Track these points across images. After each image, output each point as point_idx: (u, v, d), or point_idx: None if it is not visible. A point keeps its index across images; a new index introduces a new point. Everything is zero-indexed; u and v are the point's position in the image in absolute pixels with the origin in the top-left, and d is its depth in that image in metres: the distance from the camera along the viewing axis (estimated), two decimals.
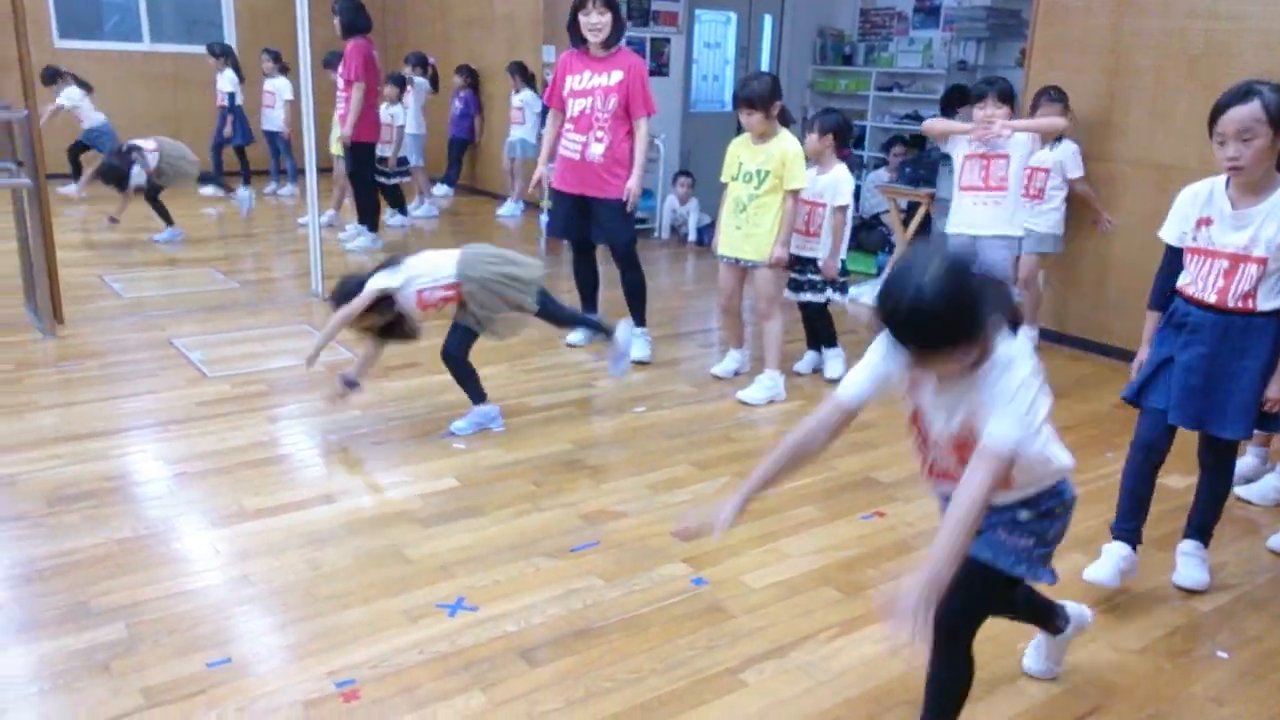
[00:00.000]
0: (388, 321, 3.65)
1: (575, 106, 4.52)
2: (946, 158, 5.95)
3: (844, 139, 4.37)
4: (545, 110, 8.17)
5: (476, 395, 3.77)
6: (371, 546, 2.86)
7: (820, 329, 4.61)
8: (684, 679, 2.28)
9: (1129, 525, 2.73)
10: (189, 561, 2.71)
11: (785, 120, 4.16)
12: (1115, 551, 2.70)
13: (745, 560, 2.84)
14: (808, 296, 4.45)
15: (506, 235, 8.05)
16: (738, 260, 4.23)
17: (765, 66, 9.20)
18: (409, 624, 2.44)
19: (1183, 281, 2.63)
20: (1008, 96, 4.13)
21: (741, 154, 4.17)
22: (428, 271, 3.62)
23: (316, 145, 5.58)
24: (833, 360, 4.56)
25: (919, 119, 8.45)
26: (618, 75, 4.45)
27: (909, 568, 2.80)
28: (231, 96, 8.67)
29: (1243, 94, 2.39)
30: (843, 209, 4.28)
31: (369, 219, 7.00)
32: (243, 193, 8.68)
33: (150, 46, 9.80)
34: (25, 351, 4.41)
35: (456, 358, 3.72)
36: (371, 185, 7.02)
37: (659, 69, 8.13)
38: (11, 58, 4.72)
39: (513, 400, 4.04)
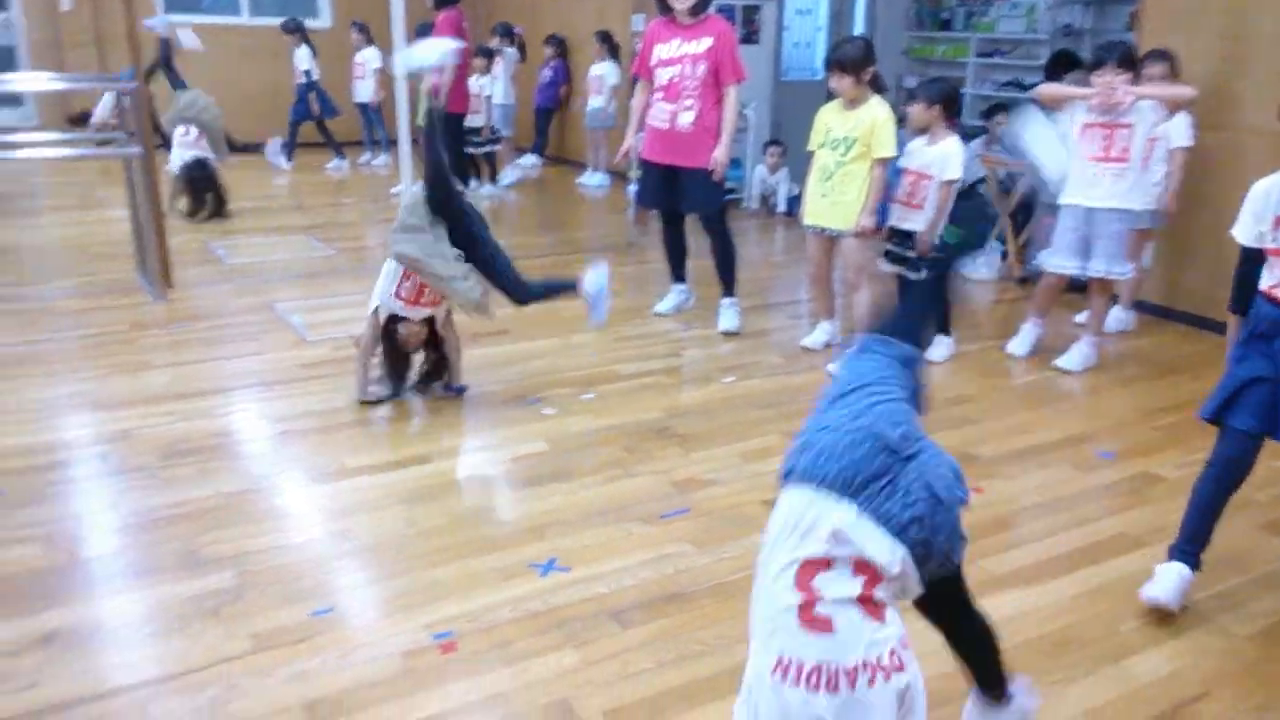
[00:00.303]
0: (424, 329, 3.62)
1: (664, 75, 4.47)
2: None
3: (953, 109, 4.23)
4: (620, 81, 8.19)
5: (567, 287, 3.81)
6: (465, 506, 2.91)
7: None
8: None
9: (1192, 548, 2.47)
10: (292, 515, 2.81)
11: (878, 87, 4.07)
12: (1177, 571, 2.45)
13: None
14: (903, 271, 4.33)
15: (589, 205, 8.08)
16: (824, 230, 4.17)
17: (859, 33, 8.99)
18: (502, 582, 2.49)
19: (1266, 283, 2.38)
20: (1129, 61, 3.92)
21: (830, 120, 4.10)
22: (384, 274, 3.56)
23: (409, 116, 5.66)
24: (940, 346, 4.34)
25: (1021, 86, 8.17)
26: (707, 42, 4.39)
27: (1008, 546, 2.76)
28: (308, 73, 8.77)
29: None
30: (950, 183, 4.15)
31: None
32: (338, 163, 8.86)
33: (249, 20, 10.07)
34: (138, 314, 4.60)
35: (526, 290, 3.67)
36: (462, 156, 7.09)
37: (749, 36, 8.01)
38: (121, 32, 4.89)
39: (602, 368, 4.05)
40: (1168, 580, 2.44)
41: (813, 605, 1.45)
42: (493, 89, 7.92)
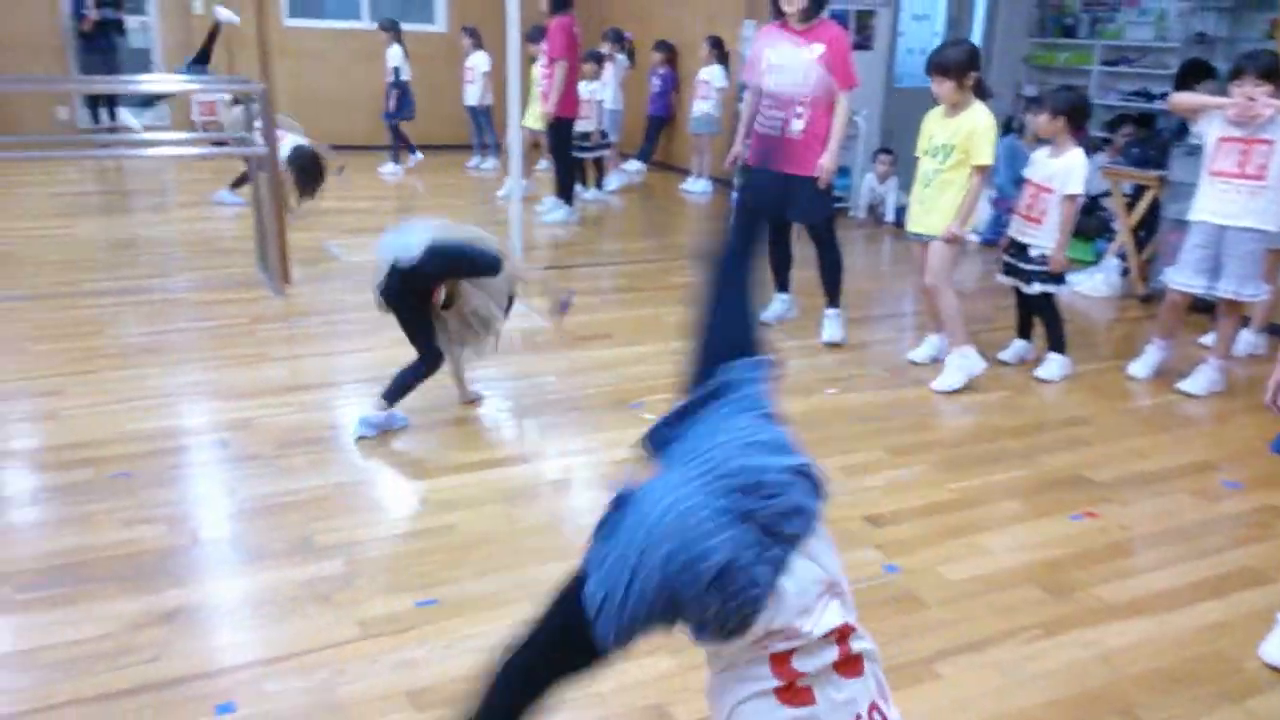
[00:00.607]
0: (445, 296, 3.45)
1: (774, 82, 4.45)
2: (1179, 138, 5.52)
3: (1079, 120, 4.10)
4: (727, 86, 8.15)
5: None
6: (566, 505, 2.95)
7: (1048, 326, 4.27)
8: None
9: None
10: (400, 507, 2.89)
11: (982, 93, 3.95)
12: None
13: (941, 551, 2.75)
14: (1017, 284, 4.23)
15: (692, 211, 8.08)
16: (920, 236, 4.10)
17: (977, 40, 8.77)
18: None
19: None
20: (1272, 73, 3.73)
21: (933, 127, 4.02)
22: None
23: (519, 120, 5.76)
24: (1052, 363, 4.20)
25: (1148, 96, 7.86)
26: (819, 48, 4.34)
27: (1124, 575, 2.65)
28: (397, 71, 8.87)
29: None
30: (1072, 198, 4.01)
31: (566, 193, 7.17)
32: (394, 168, 8.98)
33: (369, 24, 10.39)
34: (258, 308, 4.79)
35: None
36: (570, 161, 7.18)
37: (863, 42, 7.89)
38: (250, 35, 5.10)
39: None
40: None
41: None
42: (603, 94, 7.99)
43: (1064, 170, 4.00)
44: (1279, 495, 3.16)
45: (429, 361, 3.42)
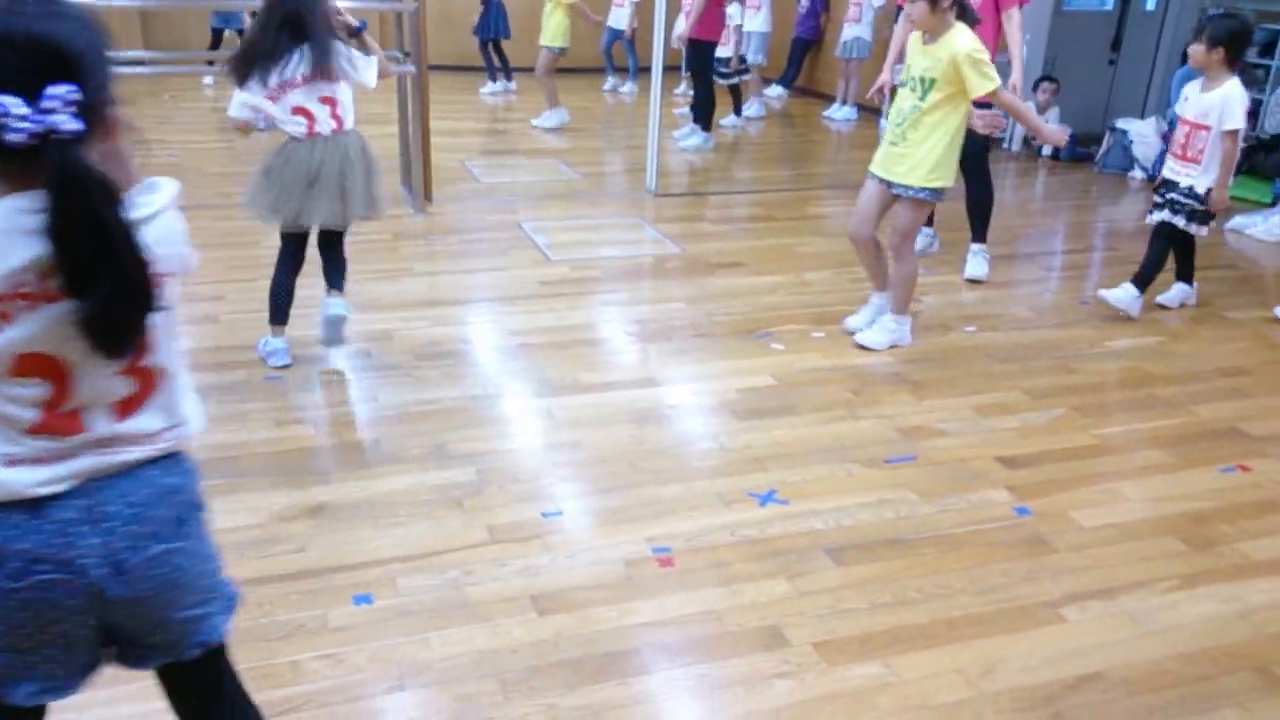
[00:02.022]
0: None
1: None
2: None
3: (1239, 50, 3.78)
4: (885, 4, 7.76)
5: None
6: (690, 430, 2.97)
7: (1180, 260, 4.11)
8: (997, 604, 2.20)
9: None
10: (529, 422, 2.97)
11: (966, 15, 3.33)
12: None
13: (1076, 497, 2.65)
14: (1178, 221, 3.93)
15: (834, 139, 7.86)
16: (887, 183, 3.47)
17: None
18: (722, 507, 2.53)
19: None
20: None
21: (912, 56, 3.42)
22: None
23: (665, 44, 5.68)
24: (1178, 292, 4.14)
25: None
26: None
27: (1272, 531, 2.51)
28: None
29: None
30: (1232, 133, 3.72)
31: (704, 118, 7.07)
32: (493, 86, 8.87)
33: None
34: (401, 225, 4.95)
35: None
36: (710, 84, 7.04)
37: None
38: None
39: (835, 308, 3.98)
40: None
41: None
42: (742, 18, 7.78)
43: (1220, 103, 3.73)
44: None
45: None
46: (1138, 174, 6.51)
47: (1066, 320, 3.96)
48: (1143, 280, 3.98)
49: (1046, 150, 7.02)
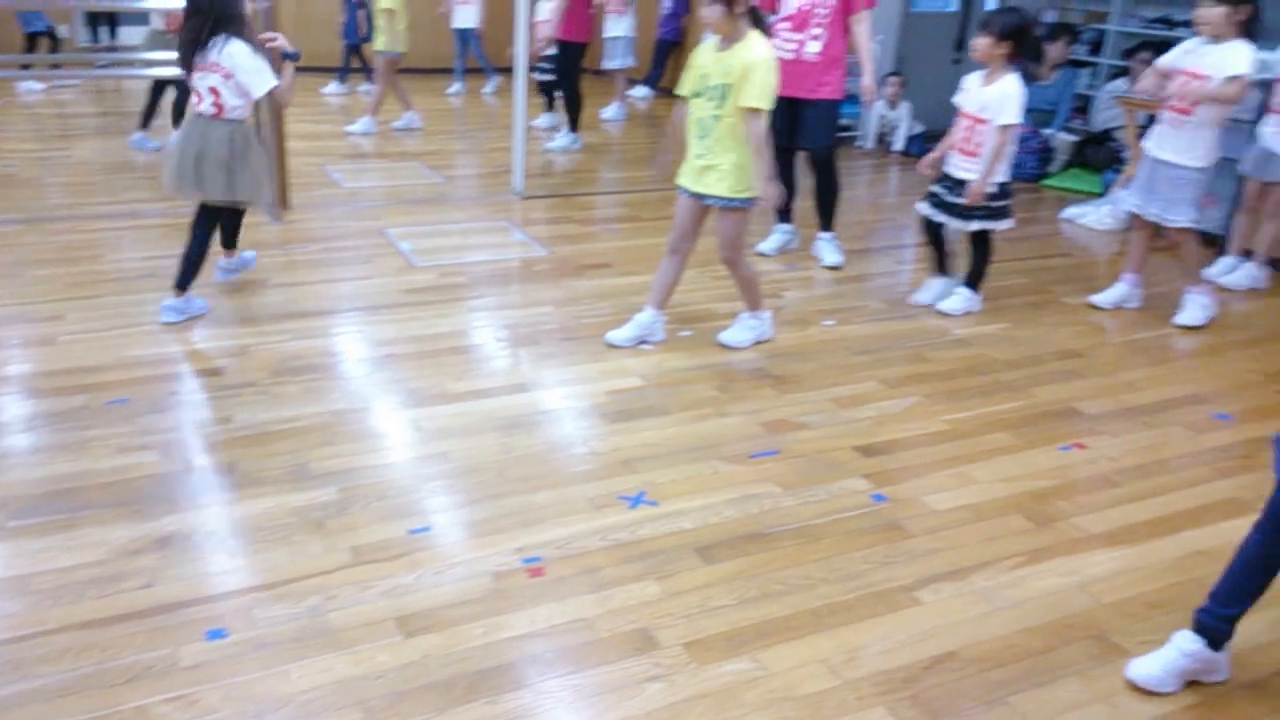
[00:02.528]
0: None
1: (792, 3, 4.35)
2: None
3: (1022, 45, 3.77)
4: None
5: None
6: (560, 435, 2.97)
7: (974, 261, 4.07)
8: (857, 590, 2.28)
9: (1217, 612, 1.99)
10: (395, 436, 2.91)
11: (759, 21, 3.29)
12: (1179, 645, 2.01)
13: (929, 482, 2.77)
14: (949, 219, 3.97)
15: None
16: (699, 195, 3.42)
17: None
18: (593, 511, 2.54)
19: None
20: None
21: (706, 64, 3.31)
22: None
23: (525, 45, 5.64)
24: (959, 297, 4.08)
25: (1169, 23, 7.66)
26: None
27: (1107, 505, 2.68)
28: None
29: None
30: (1006, 128, 3.76)
31: (573, 118, 7.05)
32: (339, 88, 8.74)
33: None
34: (257, 235, 4.76)
35: None
36: (577, 87, 7.00)
37: None
38: None
39: (701, 306, 4.04)
40: (1165, 656, 2.01)
41: None
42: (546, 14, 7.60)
43: (998, 98, 3.76)
44: (1268, 427, 3.17)
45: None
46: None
47: (918, 311, 4.13)
48: (975, 278, 4.09)
49: (898, 145, 7.29)
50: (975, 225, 3.95)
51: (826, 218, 4.68)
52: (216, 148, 3.48)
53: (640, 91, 9.44)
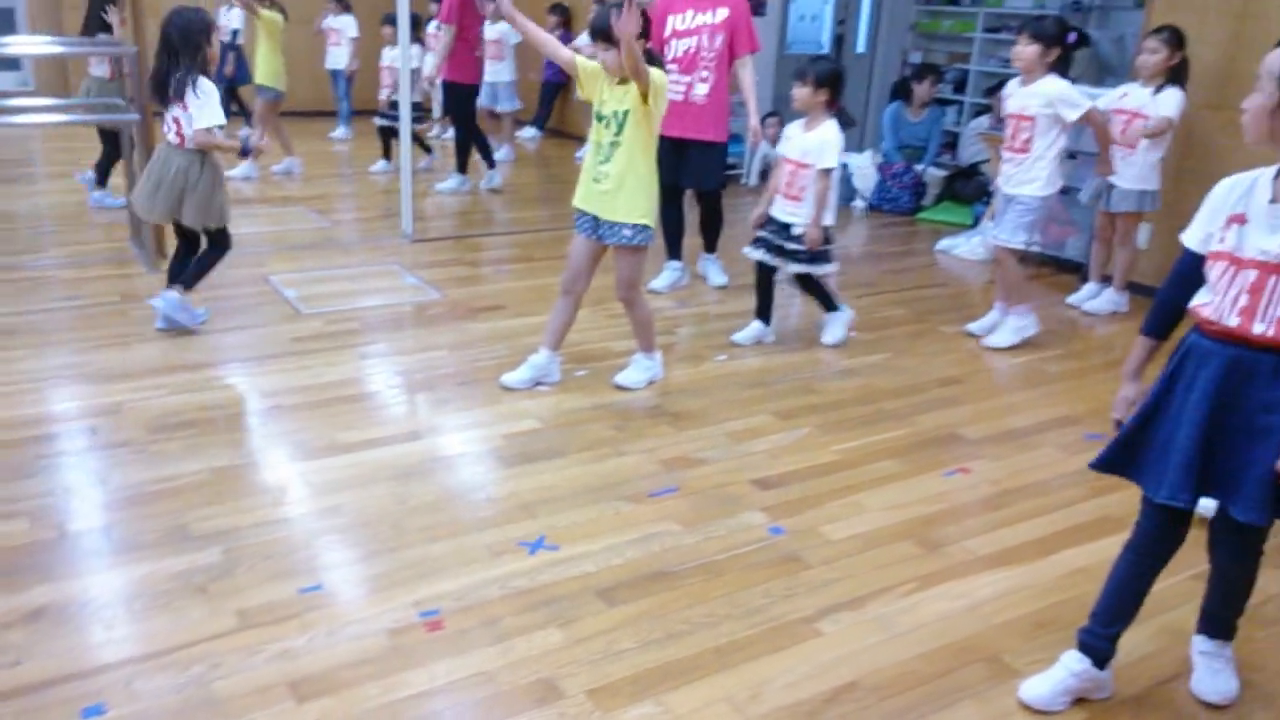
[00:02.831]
0: None
1: (679, 47, 4.45)
2: None
3: (838, 91, 3.89)
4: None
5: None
6: (456, 483, 2.93)
7: (817, 296, 4.18)
8: (760, 625, 2.29)
9: (1098, 632, 2.07)
10: (283, 491, 2.82)
11: (654, 61, 3.31)
12: (1066, 664, 2.08)
13: (824, 512, 2.83)
14: (778, 262, 4.04)
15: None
16: (598, 236, 3.47)
17: (866, 9, 8.89)
18: (491, 559, 2.50)
19: (1199, 301, 1.91)
20: (1039, 35, 4.02)
21: (603, 91, 3.36)
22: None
23: (412, 87, 5.61)
24: (835, 323, 4.19)
25: None
26: (723, 13, 4.40)
27: (992, 527, 2.77)
28: (235, 34, 8.49)
29: None
30: (827, 172, 3.86)
31: (461, 160, 7.01)
32: (245, 133, 8.65)
33: None
34: (131, 285, 4.58)
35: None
36: (471, 126, 6.97)
37: (756, 8, 7.90)
38: None
39: (595, 345, 4.05)
40: (1054, 676, 2.08)
41: None
42: (399, 61, 7.55)
43: (819, 145, 3.86)
44: None
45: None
46: (859, 203, 7.07)
47: (806, 343, 4.23)
48: (830, 302, 4.18)
49: None
50: (796, 268, 4.02)
51: (711, 241, 4.88)
52: (174, 175, 3.79)
53: (529, 132, 9.47)
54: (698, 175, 4.56)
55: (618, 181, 3.36)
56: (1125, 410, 2.07)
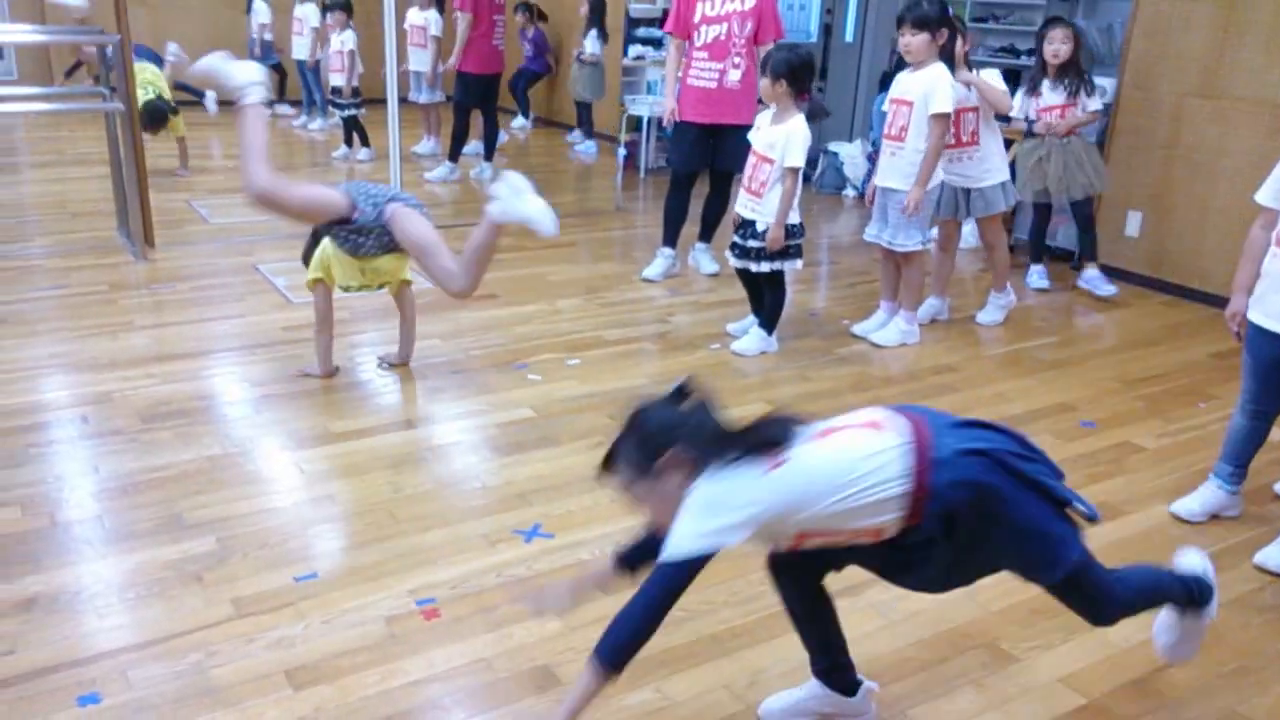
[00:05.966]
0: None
1: (709, 33, 4.48)
2: None
3: (802, 83, 3.66)
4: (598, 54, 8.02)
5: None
6: (450, 471, 2.91)
7: (770, 304, 3.94)
8: (757, 613, 2.29)
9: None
10: (276, 480, 2.80)
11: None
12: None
13: None
14: (749, 265, 3.86)
15: (574, 168, 8.01)
16: None
17: None
18: (487, 548, 2.49)
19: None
20: (924, 22, 3.73)
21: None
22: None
23: (395, 75, 5.57)
24: (753, 337, 3.94)
25: (1015, 53, 8.10)
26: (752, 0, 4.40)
27: None
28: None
29: None
30: (793, 170, 3.66)
31: (455, 150, 6.97)
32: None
33: None
34: (119, 274, 4.55)
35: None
36: (486, 115, 6.94)
37: None
38: None
39: (588, 334, 4.04)
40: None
41: None
42: (351, 45, 7.41)
43: (784, 138, 3.64)
44: (1130, 433, 3.35)
45: None
46: (850, 192, 7.07)
47: (800, 331, 4.22)
48: (770, 321, 3.96)
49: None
50: (765, 266, 3.83)
51: (708, 231, 4.91)
52: None
53: (519, 123, 9.43)
54: (730, 158, 4.58)
55: None
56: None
